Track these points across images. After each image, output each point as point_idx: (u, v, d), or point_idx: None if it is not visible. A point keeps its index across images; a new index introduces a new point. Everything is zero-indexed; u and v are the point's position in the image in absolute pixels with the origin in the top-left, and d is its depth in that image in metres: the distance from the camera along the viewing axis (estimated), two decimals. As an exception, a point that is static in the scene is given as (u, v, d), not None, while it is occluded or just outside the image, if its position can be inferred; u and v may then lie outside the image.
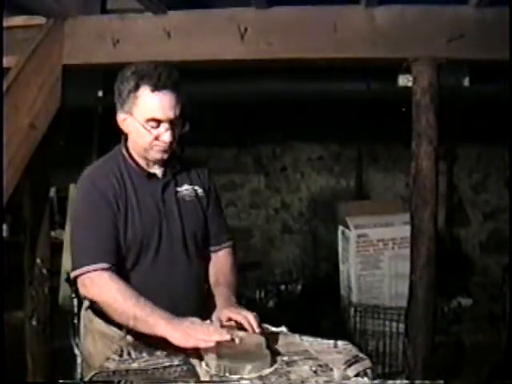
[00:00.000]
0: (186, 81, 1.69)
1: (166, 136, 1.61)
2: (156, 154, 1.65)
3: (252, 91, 3.85)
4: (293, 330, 1.70)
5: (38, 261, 2.78)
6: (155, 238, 1.67)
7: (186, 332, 1.45)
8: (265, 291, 4.40)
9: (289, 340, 1.61)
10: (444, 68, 2.50)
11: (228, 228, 1.92)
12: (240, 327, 1.56)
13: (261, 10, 2.56)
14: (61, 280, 4.21)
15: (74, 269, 1.58)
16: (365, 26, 2.52)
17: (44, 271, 2.80)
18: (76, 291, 2.95)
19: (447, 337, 3.61)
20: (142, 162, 1.70)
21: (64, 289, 4.03)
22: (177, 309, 1.56)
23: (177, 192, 1.73)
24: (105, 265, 1.55)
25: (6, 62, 2.39)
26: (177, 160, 1.76)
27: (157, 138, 1.61)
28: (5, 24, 2.41)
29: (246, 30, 2.54)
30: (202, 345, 1.43)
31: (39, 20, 2.60)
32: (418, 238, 2.49)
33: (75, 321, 2.90)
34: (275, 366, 1.41)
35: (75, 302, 2.93)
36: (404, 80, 3.23)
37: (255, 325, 1.53)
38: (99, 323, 1.68)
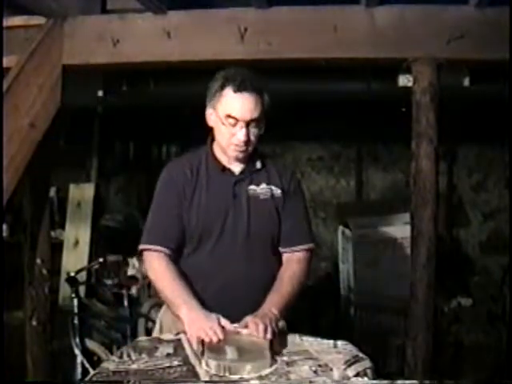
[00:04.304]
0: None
1: (241, 134, 1.73)
2: (233, 153, 1.78)
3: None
4: (293, 329, 1.70)
5: (38, 261, 2.78)
6: (217, 228, 1.76)
7: (193, 321, 1.56)
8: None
9: (289, 340, 1.61)
10: (444, 68, 2.50)
11: (307, 233, 1.90)
12: None
13: (261, 10, 2.56)
14: (61, 280, 4.21)
15: (140, 243, 1.81)
16: (365, 26, 2.52)
17: (44, 271, 2.80)
18: (76, 291, 2.97)
19: (447, 337, 3.60)
20: (223, 159, 1.82)
21: (64, 289, 4.02)
22: (229, 297, 1.70)
23: (250, 190, 1.81)
24: (161, 248, 1.75)
25: (6, 61, 2.39)
26: (260, 160, 1.85)
27: (233, 136, 1.74)
28: (5, 24, 2.42)
29: (245, 30, 2.54)
30: (202, 336, 1.50)
31: (39, 20, 2.60)
32: (418, 238, 2.49)
33: (75, 321, 2.91)
34: (275, 366, 1.42)
35: (75, 301, 2.95)
36: (404, 80, 3.23)
37: (261, 334, 1.53)
38: None
